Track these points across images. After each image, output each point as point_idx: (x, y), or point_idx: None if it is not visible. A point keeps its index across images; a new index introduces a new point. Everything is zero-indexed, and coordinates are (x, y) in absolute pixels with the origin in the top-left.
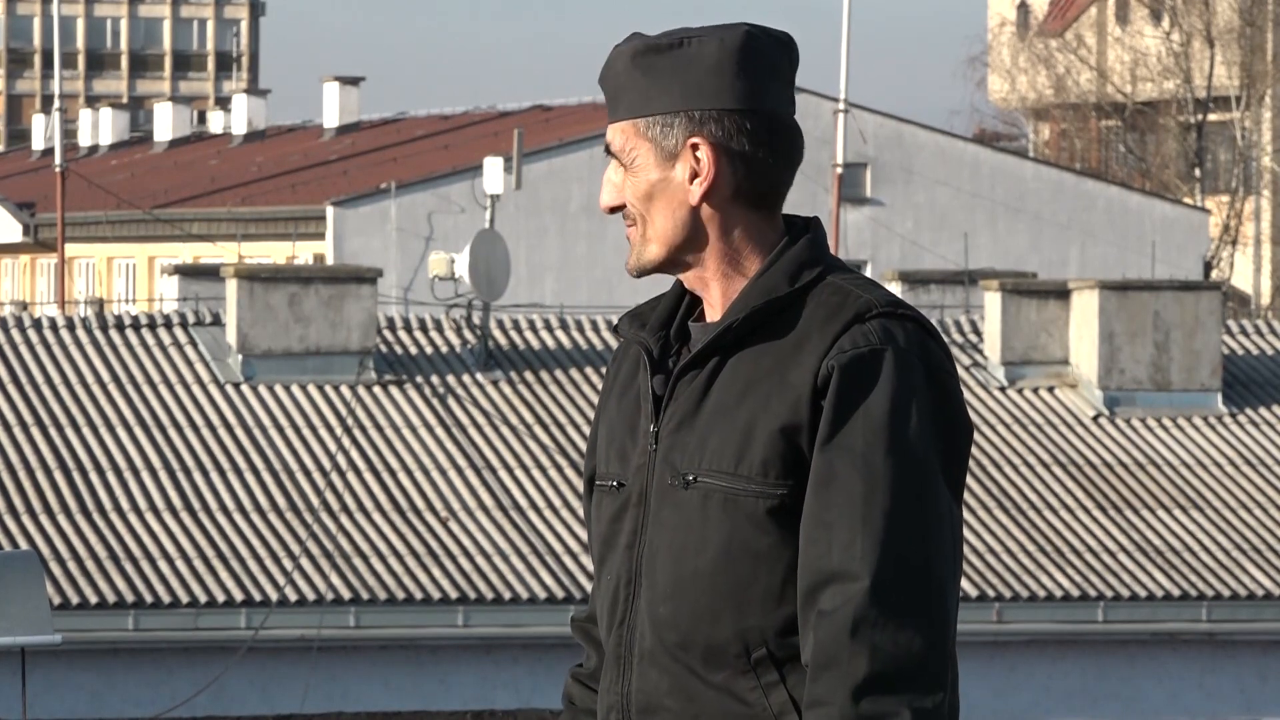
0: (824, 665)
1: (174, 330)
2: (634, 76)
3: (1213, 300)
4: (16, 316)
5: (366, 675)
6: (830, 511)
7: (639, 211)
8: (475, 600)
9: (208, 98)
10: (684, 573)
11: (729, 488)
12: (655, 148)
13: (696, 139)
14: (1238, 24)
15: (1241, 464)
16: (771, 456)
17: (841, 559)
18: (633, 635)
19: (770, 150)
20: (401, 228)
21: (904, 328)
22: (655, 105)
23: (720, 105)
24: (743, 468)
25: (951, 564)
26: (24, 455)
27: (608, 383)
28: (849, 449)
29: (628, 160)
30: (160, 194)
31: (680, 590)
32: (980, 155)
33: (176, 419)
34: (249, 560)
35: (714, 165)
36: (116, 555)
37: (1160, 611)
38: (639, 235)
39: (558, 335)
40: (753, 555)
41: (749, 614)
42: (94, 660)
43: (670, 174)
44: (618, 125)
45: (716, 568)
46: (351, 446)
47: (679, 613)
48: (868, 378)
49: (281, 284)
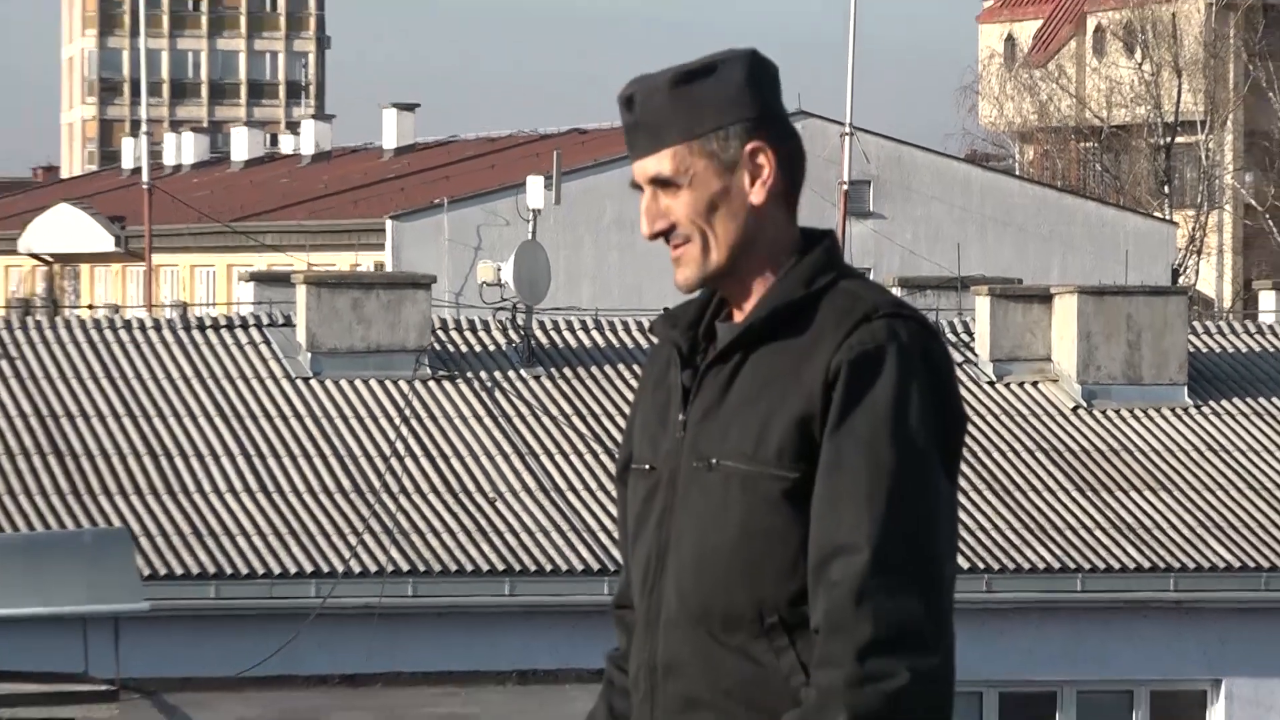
0: (832, 629)
1: (250, 330)
2: (676, 104)
3: (1180, 304)
4: (109, 318)
5: (422, 639)
6: (838, 492)
7: (698, 226)
8: (519, 571)
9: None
10: (706, 547)
11: (748, 471)
12: (714, 161)
13: (755, 144)
14: (1202, 56)
15: (1205, 450)
16: (786, 443)
17: (848, 534)
18: (660, 602)
19: (798, 148)
20: (453, 239)
21: (907, 327)
22: (708, 123)
23: (763, 113)
24: (760, 453)
25: (947, 539)
26: (116, 442)
27: (643, 379)
28: (855, 436)
29: (684, 180)
30: (237, 209)
31: (703, 562)
32: (971, 174)
33: (252, 410)
34: (317, 536)
35: (773, 165)
36: (199, 531)
37: (1132, 582)
38: (697, 250)
39: (593, 335)
40: (768, 532)
41: (763, 585)
42: (179, 625)
43: (731, 181)
44: (666, 152)
45: (735, 543)
46: (409, 435)
47: (701, 583)
48: (873, 372)
49: (346, 289)
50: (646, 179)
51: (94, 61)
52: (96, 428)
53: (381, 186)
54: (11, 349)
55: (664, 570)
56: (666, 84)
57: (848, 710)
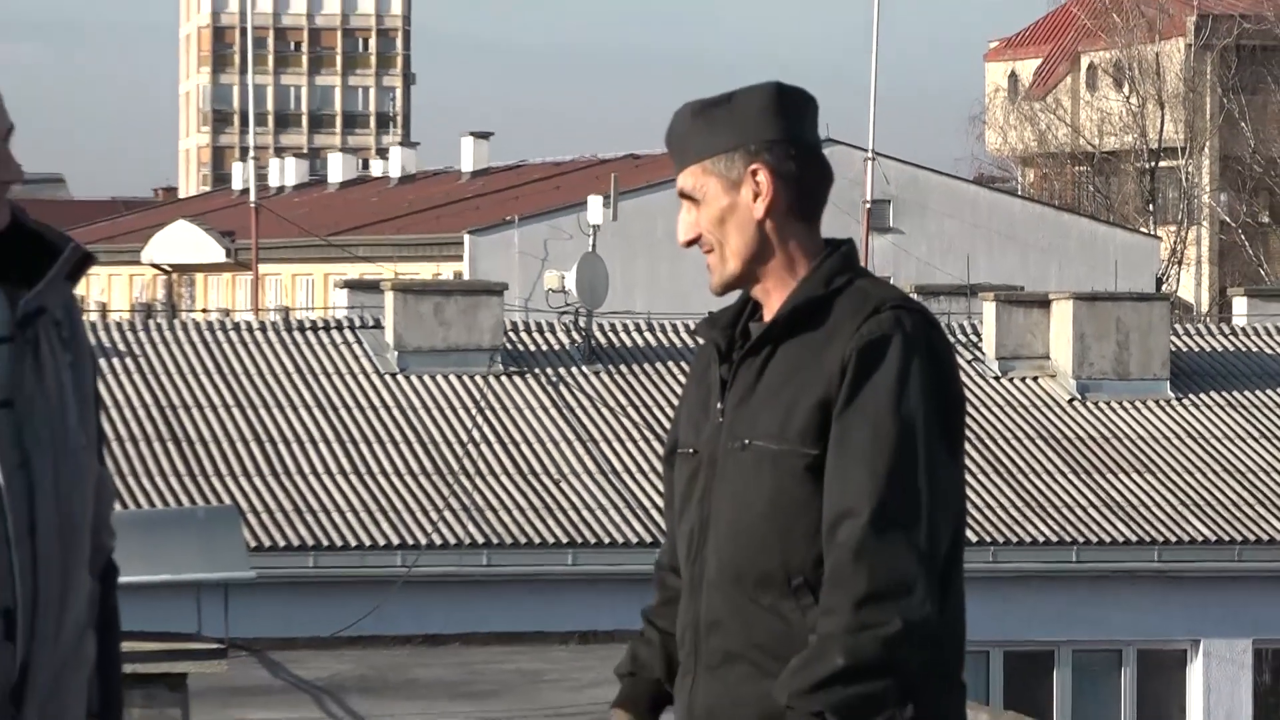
0: (834, 583)
1: (343, 332)
2: (697, 128)
3: (1163, 309)
4: (220, 321)
5: (495, 603)
6: (846, 463)
7: (715, 237)
8: (581, 544)
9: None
10: (741, 518)
11: (776, 450)
12: (722, 179)
13: (754, 165)
14: (1183, 90)
15: (1186, 437)
16: (809, 425)
17: (853, 499)
18: (702, 568)
19: (808, 170)
20: (522, 251)
21: (911, 318)
22: (718, 146)
23: (768, 137)
24: (787, 434)
25: (943, 506)
26: (226, 430)
27: (689, 374)
28: (862, 414)
29: (700, 195)
30: (332, 225)
31: (738, 532)
32: (979, 194)
33: (345, 401)
34: (403, 512)
35: (771, 184)
36: (299, 508)
37: (1121, 553)
38: (718, 259)
39: (645, 336)
40: (793, 504)
41: (790, 550)
42: (282, 591)
43: (737, 198)
44: (688, 170)
45: (766, 513)
46: (483, 423)
47: (737, 549)
48: (879, 357)
49: (428, 295)
50: (678, 192)
51: (208, 95)
52: (209, 417)
53: (460, 205)
54: (135, 348)
55: (706, 540)
56: (691, 112)
57: (845, 654)
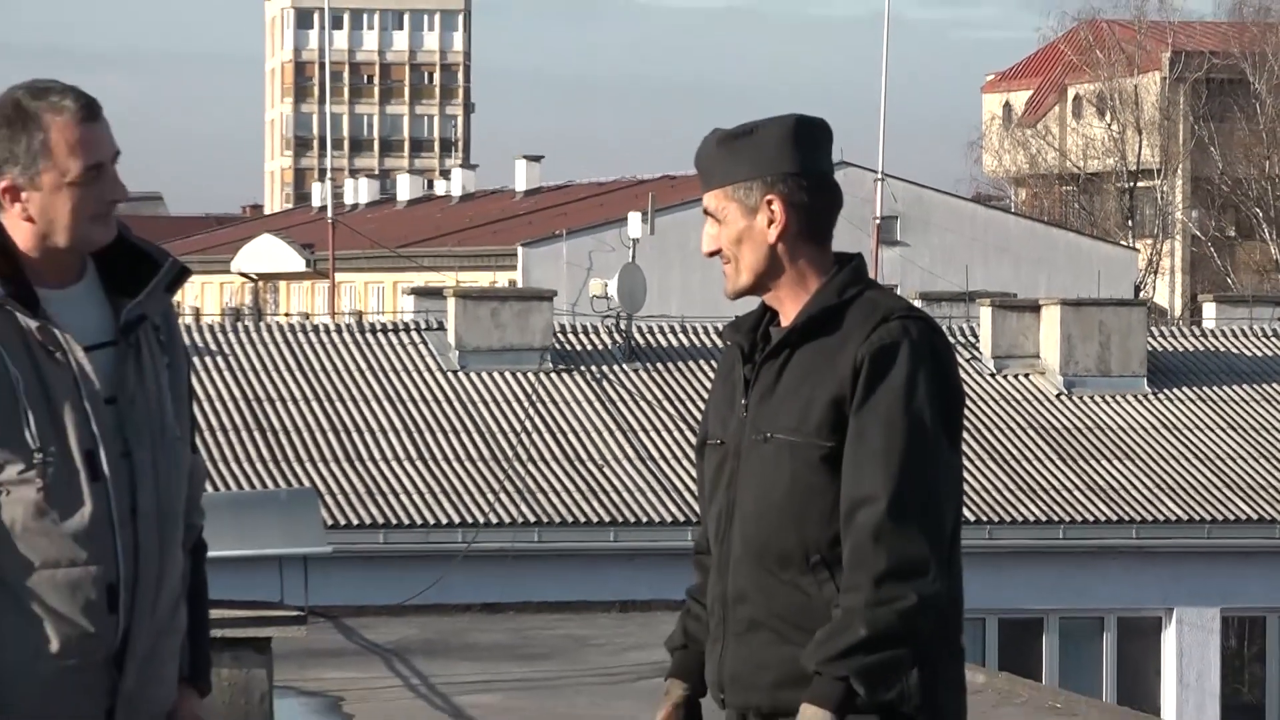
0: (855, 562)
1: (410, 334)
2: (721, 156)
3: (1140, 313)
4: (301, 324)
5: (546, 576)
6: (862, 457)
7: (732, 253)
8: (622, 523)
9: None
10: (764, 501)
11: (795, 442)
12: (741, 205)
13: (770, 196)
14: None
15: (1161, 428)
16: (824, 420)
17: (870, 489)
18: (730, 546)
19: (820, 200)
20: (570, 261)
21: (916, 326)
22: (739, 175)
23: (784, 170)
24: (804, 428)
25: (948, 493)
26: (306, 421)
27: (717, 373)
28: (876, 412)
29: (721, 216)
30: (401, 238)
31: (761, 513)
32: (977, 211)
33: (412, 395)
34: (463, 494)
35: (784, 212)
36: (370, 491)
37: (1103, 531)
38: (733, 270)
39: (680, 337)
40: (810, 489)
41: (809, 530)
42: (355, 565)
43: (753, 222)
44: (712, 193)
45: (786, 498)
46: (534, 415)
47: (760, 529)
48: (889, 361)
49: (486, 301)
50: (704, 210)
51: (290, 123)
52: (290, 410)
53: (514, 221)
54: (225, 348)
55: (732, 522)
56: (716, 140)
57: (867, 625)
